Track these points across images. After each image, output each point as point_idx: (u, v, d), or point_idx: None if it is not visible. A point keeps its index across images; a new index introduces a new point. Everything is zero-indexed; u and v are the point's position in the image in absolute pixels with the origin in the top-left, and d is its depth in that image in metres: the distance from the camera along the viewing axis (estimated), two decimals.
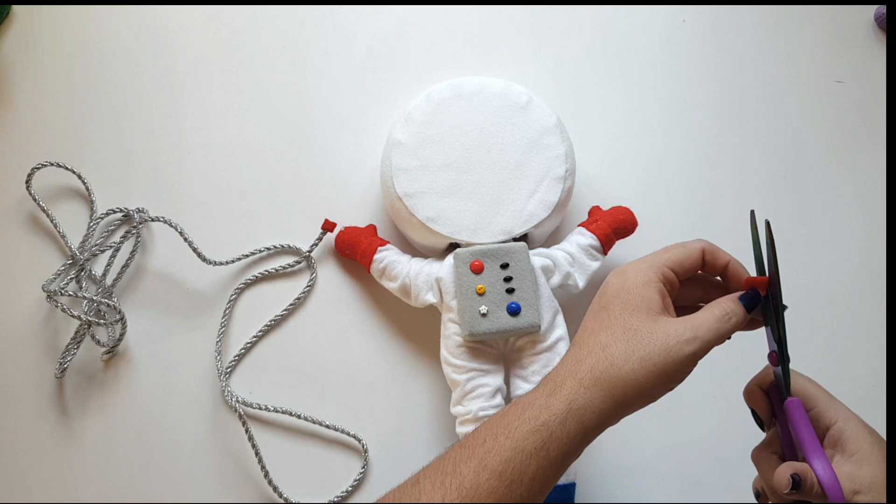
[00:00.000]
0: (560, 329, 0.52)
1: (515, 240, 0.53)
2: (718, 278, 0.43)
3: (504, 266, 0.51)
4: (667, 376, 0.38)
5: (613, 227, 0.55)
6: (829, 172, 0.62)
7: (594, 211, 0.58)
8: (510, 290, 0.51)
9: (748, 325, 0.41)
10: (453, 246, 0.54)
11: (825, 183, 0.61)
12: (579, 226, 0.56)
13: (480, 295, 0.51)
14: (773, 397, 0.42)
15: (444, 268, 0.53)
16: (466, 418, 0.50)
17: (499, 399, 0.51)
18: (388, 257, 0.55)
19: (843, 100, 0.63)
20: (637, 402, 0.38)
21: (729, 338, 0.40)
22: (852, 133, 0.62)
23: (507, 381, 0.53)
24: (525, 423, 0.37)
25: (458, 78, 0.56)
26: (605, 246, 0.55)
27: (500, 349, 0.53)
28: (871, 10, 0.65)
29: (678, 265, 0.41)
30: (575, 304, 0.56)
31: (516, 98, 0.55)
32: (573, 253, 0.54)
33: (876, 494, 0.35)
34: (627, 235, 0.56)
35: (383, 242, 0.57)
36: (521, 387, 0.51)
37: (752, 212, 0.53)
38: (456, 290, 0.52)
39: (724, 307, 0.39)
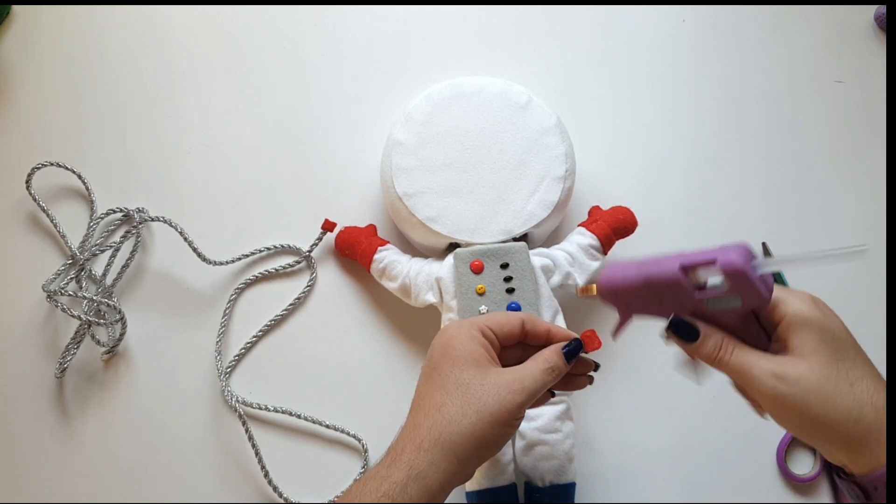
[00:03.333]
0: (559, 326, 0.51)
1: (515, 240, 0.53)
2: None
3: (504, 266, 0.51)
4: (502, 425, 0.39)
5: (613, 226, 0.55)
6: (829, 172, 0.62)
7: (594, 211, 0.58)
8: (510, 290, 0.51)
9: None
10: (453, 246, 0.54)
11: (825, 183, 0.61)
12: (579, 225, 0.56)
13: (480, 295, 0.51)
14: None
15: (445, 267, 0.53)
16: None
17: None
18: (388, 257, 0.55)
19: (843, 100, 0.63)
20: (479, 454, 0.39)
21: (550, 387, 0.41)
22: (852, 133, 0.62)
23: None
24: (366, 496, 0.37)
25: (458, 78, 0.56)
26: (605, 246, 0.55)
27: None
28: (871, 10, 0.65)
29: (498, 327, 0.42)
30: (574, 305, 0.56)
31: (516, 98, 0.55)
32: (573, 253, 0.54)
33: (803, 391, 0.34)
34: (627, 235, 0.56)
35: (383, 242, 0.57)
36: None
37: (764, 244, 0.54)
38: (456, 290, 0.52)
39: (548, 360, 0.41)
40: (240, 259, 0.60)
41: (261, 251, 0.60)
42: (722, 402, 0.56)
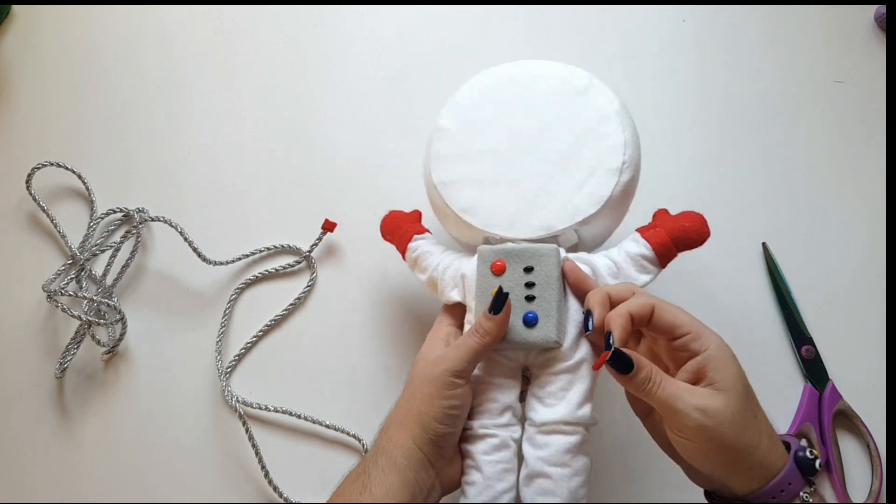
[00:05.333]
0: (585, 348, 0.43)
1: (551, 240, 0.46)
2: None
3: (528, 270, 0.44)
4: (432, 397, 0.42)
5: (674, 235, 0.45)
6: (828, 172, 0.62)
7: (659, 215, 0.48)
8: (530, 298, 0.44)
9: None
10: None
11: (825, 183, 0.61)
12: (636, 230, 0.47)
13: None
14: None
15: (471, 264, 0.46)
16: (468, 433, 0.44)
17: (507, 418, 0.44)
18: (422, 247, 0.50)
19: (843, 100, 0.63)
20: (424, 427, 0.42)
21: (488, 349, 0.43)
22: (852, 133, 0.62)
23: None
24: (350, 477, 0.43)
25: (514, 62, 0.51)
26: (662, 258, 0.45)
27: (521, 361, 0.45)
28: (871, 10, 0.65)
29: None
30: None
31: (575, 82, 0.48)
32: (619, 262, 0.46)
33: (720, 423, 0.36)
34: (693, 248, 0.46)
35: (422, 230, 0.51)
36: (536, 408, 0.43)
37: (764, 244, 0.54)
38: (475, 292, 0.46)
39: (479, 327, 0.43)
40: (240, 259, 0.60)
41: (261, 251, 0.60)
42: None
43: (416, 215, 0.54)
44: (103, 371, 0.58)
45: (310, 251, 0.60)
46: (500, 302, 0.42)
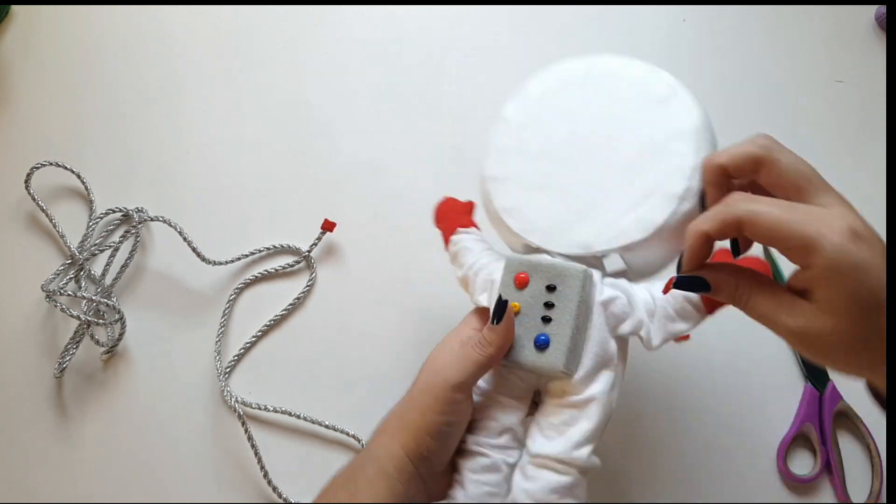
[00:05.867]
0: (598, 386, 0.40)
1: (590, 260, 0.42)
2: None
3: (550, 288, 0.40)
4: (430, 411, 0.40)
5: None
6: (828, 172, 0.61)
7: (718, 255, 0.42)
8: (546, 319, 0.40)
9: None
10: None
11: None
12: None
13: (514, 314, 0.41)
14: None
15: (500, 271, 0.43)
16: (462, 446, 0.42)
17: (505, 439, 0.41)
18: (464, 242, 0.47)
19: (843, 100, 0.63)
20: (417, 439, 0.40)
21: (492, 362, 0.41)
22: (852, 133, 0.62)
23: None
24: (337, 481, 0.41)
25: (594, 55, 0.46)
26: (709, 304, 0.40)
27: (533, 384, 0.42)
28: (871, 10, 0.65)
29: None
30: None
31: (656, 88, 0.44)
32: (657, 300, 0.41)
33: (819, 348, 0.32)
34: None
35: (469, 224, 0.49)
36: (534, 437, 0.40)
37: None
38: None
39: (481, 339, 0.41)
40: (239, 259, 0.60)
41: (260, 251, 0.60)
42: (722, 402, 0.56)
43: (469, 207, 0.51)
44: (102, 371, 0.58)
45: (309, 251, 0.60)
46: (499, 311, 0.40)
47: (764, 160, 0.35)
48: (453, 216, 0.49)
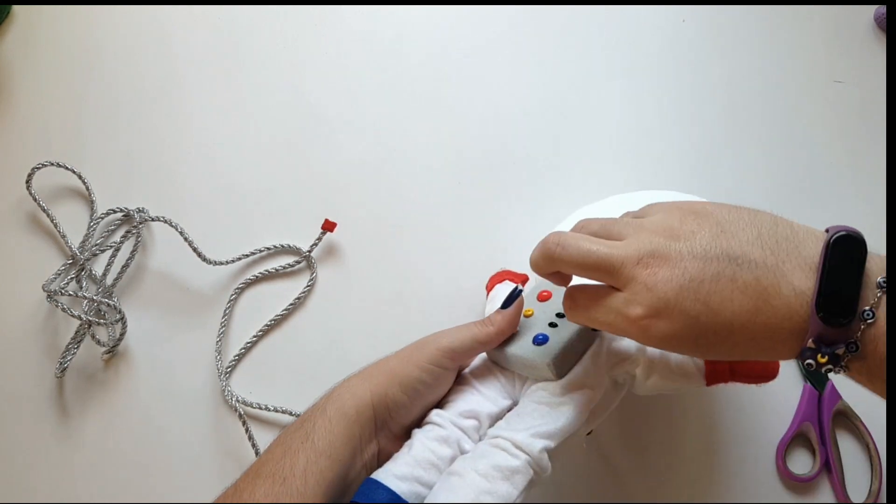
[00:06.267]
0: (577, 397, 0.41)
1: None
2: None
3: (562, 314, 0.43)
4: (413, 364, 0.41)
5: (735, 366, 0.42)
6: (828, 173, 0.62)
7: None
8: (552, 325, 0.43)
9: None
10: None
11: (825, 183, 0.61)
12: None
13: (526, 317, 0.45)
14: None
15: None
16: (424, 420, 0.42)
17: (469, 423, 0.41)
18: (505, 286, 0.52)
19: (843, 100, 0.63)
20: (391, 383, 0.40)
21: (489, 341, 0.42)
22: (852, 133, 0.62)
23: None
24: (295, 423, 0.40)
25: (637, 194, 0.52)
26: (710, 375, 0.42)
27: (515, 391, 0.44)
28: (871, 10, 0.65)
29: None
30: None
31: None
32: (653, 353, 0.43)
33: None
34: (751, 383, 0.43)
35: (518, 279, 0.54)
36: (498, 424, 0.41)
37: None
38: None
39: (486, 318, 0.43)
40: (240, 259, 0.60)
41: (261, 251, 0.60)
42: (721, 402, 0.56)
43: (523, 278, 0.54)
44: (103, 371, 0.58)
45: (310, 251, 0.60)
46: (511, 298, 0.43)
47: (553, 259, 0.38)
48: (506, 276, 0.54)
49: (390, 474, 0.38)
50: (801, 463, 0.54)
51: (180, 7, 0.67)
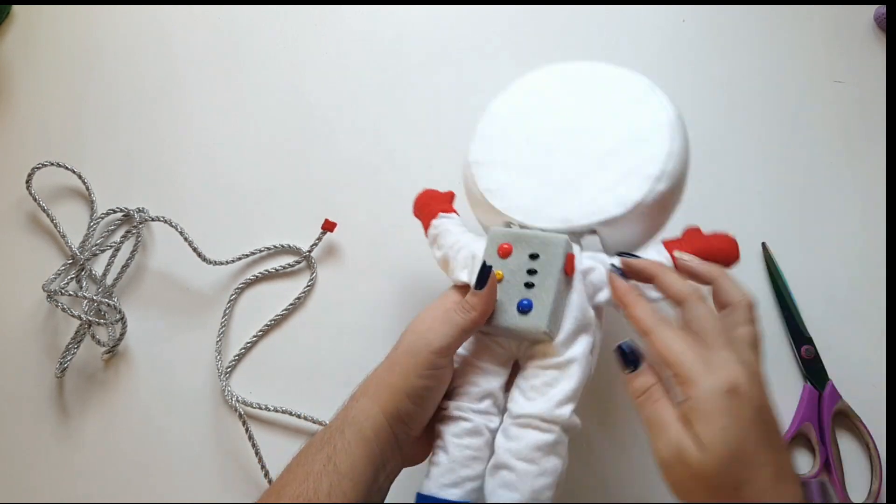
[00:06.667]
0: (578, 348, 0.42)
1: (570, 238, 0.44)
2: None
3: (533, 256, 0.43)
4: (412, 375, 0.41)
5: (701, 254, 0.43)
6: (828, 172, 0.62)
7: (689, 233, 0.46)
8: (529, 285, 0.42)
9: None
10: None
11: (825, 183, 0.61)
12: (661, 241, 0.45)
13: (497, 282, 0.43)
14: None
15: (482, 246, 0.46)
16: (443, 413, 0.43)
17: (486, 405, 0.43)
18: (444, 225, 0.50)
19: (843, 100, 0.63)
20: (398, 402, 0.41)
21: (475, 327, 0.42)
22: (852, 133, 0.62)
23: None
24: (314, 445, 0.40)
25: (577, 61, 0.50)
26: (681, 273, 0.43)
27: (512, 351, 0.44)
28: (871, 10, 0.65)
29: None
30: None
31: (632, 88, 0.47)
32: None
33: (692, 475, 0.33)
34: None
35: (449, 210, 0.52)
36: (516, 399, 0.42)
37: (764, 244, 0.52)
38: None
39: (465, 303, 0.42)
40: (240, 259, 0.60)
41: (261, 251, 0.60)
42: None
43: (449, 196, 0.53)
44: (103, 371, 0.58)
45: (310, 251, 0.60)
46: (483, 276, 0.41)
47: (651, 334, 0.38)
48: (433, 204, 0.52)
49: (439, 485, 0.41)
50: (802, 463, 0.54)
51: (180, 7, 0.67)
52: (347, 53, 0.66)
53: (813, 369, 0.55)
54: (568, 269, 0.42)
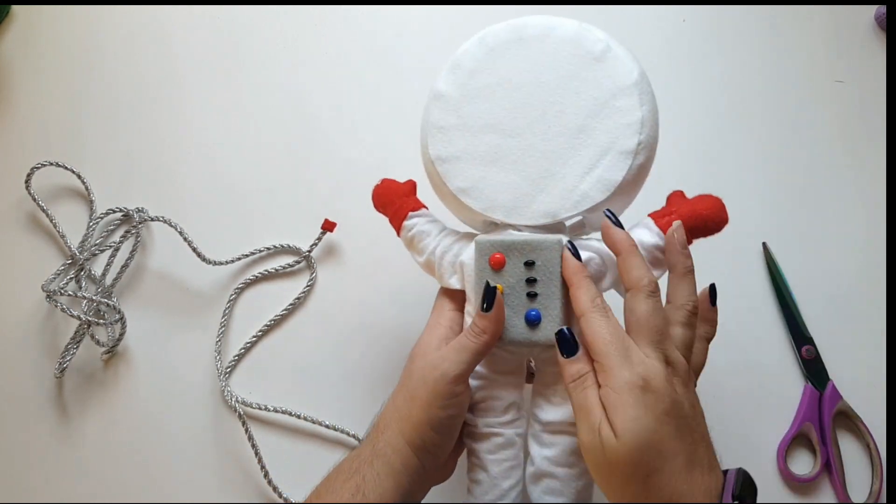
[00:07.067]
0: None
1: (557, 229, 0.42)
2: None
3: (529, 264, 0.41)
4: (432, 407, 0.40)
5: (691, 223, 0.42)
6: (828, 172, 0.61)
7: (673, 198, 0.44)
8: (532, 295, 0.41)
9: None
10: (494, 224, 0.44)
11: (825, 183, 0.61)
12: (649, 215, 0.43)
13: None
14: None
15: (469, 251, 0.43)
16: (472, 430, 0.43)
17: (511, 415, 0.43)
18: (419, 226, 0.47)
19: (843, 100, 0.63)
20: (423, 436, 0.41)
21: (488, 349, 0.41)
22: (852, 133, 0.62)
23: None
24: (342, 473, 0.41)
25: (521, 17, 0.46)
26: (664, 227, 0.42)
27: (524, 355, 0.44)
28: (871, 10, 0.65)
29: None
30: None
31: (590, 46, 0.43)
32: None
33: (609, 461, 0.34)
34: (710, 234, 0.42)
35: (418, 206, 0.48)
36: (542, 406, 0.42)
37: (764, 244, 0.52)
38: (473, 286, 0.43)
39: (474, 327, 0.41)
40: (239, 259, 0.60)
41: (260, 251, 0.60)
42: (722, 401, 0.56)
43: (411, 186, 0.50)
44: (103, 371, 0.58)
45: (309, 251, 0.60)
46: (489, 298, 0.40)
47: (582, 319, 0.39)
48: (398, 200, 0.49)
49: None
50: (802, 463, 0.54)
51: (180, 7, 0.67)
52: (347, 53, 0.66)
53: (814, 369, 0.55)
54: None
